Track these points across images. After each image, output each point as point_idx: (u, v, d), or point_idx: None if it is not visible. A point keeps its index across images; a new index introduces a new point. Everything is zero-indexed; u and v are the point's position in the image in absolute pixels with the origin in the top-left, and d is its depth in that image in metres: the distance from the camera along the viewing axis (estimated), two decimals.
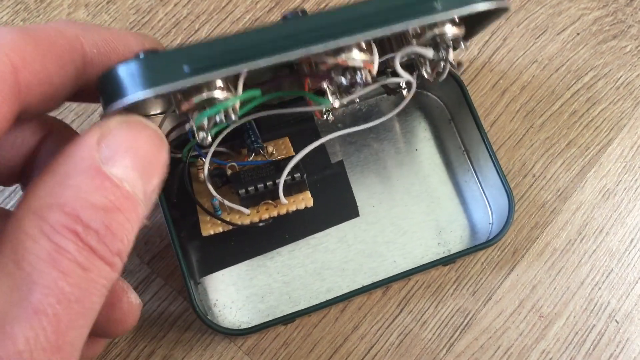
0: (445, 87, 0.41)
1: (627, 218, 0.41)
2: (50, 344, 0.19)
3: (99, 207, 0.20)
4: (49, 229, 0.19)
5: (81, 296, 0.20)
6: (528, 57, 0.44)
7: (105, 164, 0.21)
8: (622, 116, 0.43)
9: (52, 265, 0.19)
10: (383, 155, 0.41)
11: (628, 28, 0.45)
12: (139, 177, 0.22)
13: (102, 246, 0.20)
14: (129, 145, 0.22)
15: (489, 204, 0.40)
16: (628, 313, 0.40)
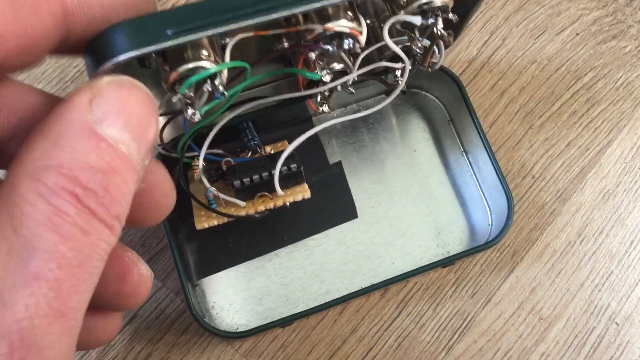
0: (444, 87, 0.40)
1: (627, 219, 0.41)
2: (52, 311, 0.18)
3: (96, 168, 0.20)
4: (47, 191, 0.19)
5: (82, 260, 0.19)
6: (527, 57, 0.43)
7: (98, 125, 0.20)
8: (621, 117, 0.43)
9: (51, 229, 0.18)
10: (381, 156, 0.41)
11: (628, 28, 0.45)
12: (132, 138, 0.21)
13: (101, 208, 0.20)
14: (121, 106, 0.21)
15: (488, 205, 0.40)
16: (628, 315, 0.39)
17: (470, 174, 0.41)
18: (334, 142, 0.41)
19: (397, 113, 0.42)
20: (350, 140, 0.41)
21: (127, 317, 0.37)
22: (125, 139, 0.21)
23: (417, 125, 0.42)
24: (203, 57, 0.26)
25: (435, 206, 0.40)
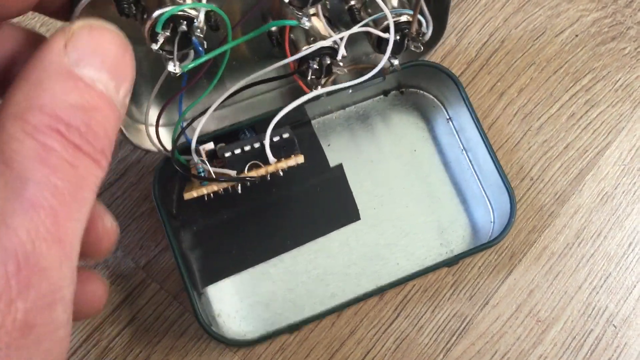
0: (442, 85, 0.40)
1: (626, 221, 0.41)
2: (50, 235, 0.19)
3: (76, 106, 0.21)
4: (32, 129, 0.20)
5: (73, 190, 0.20)
6: (526, 59, 0.43)
7: (75, 66, 0.21)
8: (620, 119, 0.43)
9: (41, 162, 0.19)
10: (382, 157, 0.41)
11: (627, 30, 0.45)
12: (109, 77, 0.22)
13: (85, 143, 0.21)
14: (95, 47, 0.22)
15: (490, 203, 0.40)
16: (626, 317, 0.39)
17: (471, 172, 0.41)
18: (334, 145, 0.41)
19: (396, 113, 0.42)
20: (350, 142, 0.41)
21: (125, 319, 0.37)
22: (102, 78, 0.22)
23: (416, 125, 0.42)
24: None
25: (437, 205, 0.40)
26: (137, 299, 0.38)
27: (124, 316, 0.37)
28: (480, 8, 0.44)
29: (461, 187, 0.41)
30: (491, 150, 0.38)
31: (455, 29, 0.43)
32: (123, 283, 0.38)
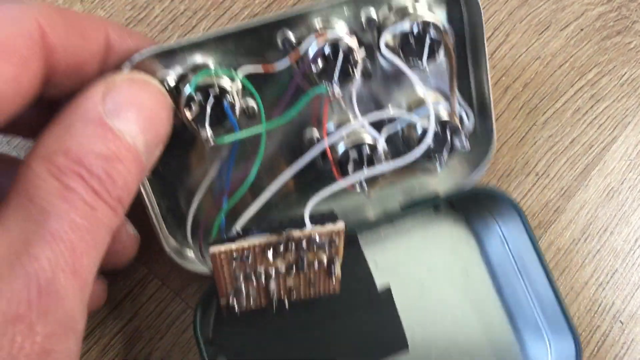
0: (499, 206, 0.37)
1: (632, 217, 0.41)
2: (68, 267, 0.20)
3: (100, 155, 0.22)
4: (57, 170, 0.21)
5: (91, 229, 0.21)
6: (531, 53, 0.43)
7: (108, 116, 0.23)
8: (626, 113, 0.43)
9: (62, 199, 0.21)
10: (432, 279, 0.37)
11: (632, 24, 0.44)
12: (140, 131, 0.23)
13: (104, 190, 0.22)
14: (133, 101, 0.24)
15: (549, 340, 0.37)
16: (633, 314, 0.39)
17: (528, 302, 0.37)
18: (382, 264, 0.37)
19: (446, 230, 0.38)
20: (398, 261, 0.37)
21: (127, 316, 0.37)
22: (132, 131, 0.23)
23: (469, 244, 0.39)
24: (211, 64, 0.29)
25: (489, 337, 0.37)
26: (138, 296, 0.37)
27: (125, 313, 0.37)
28: (485, 2, 0.43)
29: (516, 317, 0.38)
30: (552, 281, 0.34)
31: None
32: (124, 279, 0.37)
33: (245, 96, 0.31)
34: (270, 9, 0.41)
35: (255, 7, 0.41)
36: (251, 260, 0.29)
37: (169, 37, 0.40)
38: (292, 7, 0.40)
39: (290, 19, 0.30)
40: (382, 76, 0.33)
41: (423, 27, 0.30)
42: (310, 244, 0.28)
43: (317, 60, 0.29)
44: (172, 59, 0.29)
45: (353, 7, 0.31)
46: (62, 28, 0.24)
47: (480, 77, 0.34)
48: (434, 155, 0.34)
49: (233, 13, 0.41)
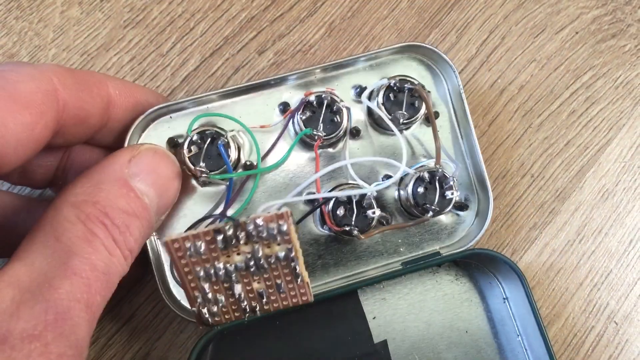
0: (501, 267, 0.37)
1: (626, 218, 0.41)
2: (84, 300, 0.23)
3: (123, 210, 0.26)
4: (85, 217, 0.24)
5: (106, 272, 0.24)
6: (526, 56, 0.43)
7: (132, 178, 0.27)
8: (621, 116, 0.43)
9: (87, 242, 0.24)
10: (431, 335, 0.37)
11: (627, 27, 0.45)
12: (156, 195, 0.27)
13: (122, 240, 0.25)
14: (153, 168, 0.28)
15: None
16: (627, 314, 0.39)
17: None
18: (380, 318, 0.37)
19: (448, 286, 0.38)
20: (396, 315, 0.38)
21: (125, 316, 0.37)
22: (150, 194, 0.27)
23: (470, 301, 0.38)
24: None
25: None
26: (136, 296, 0.37)
27: (123, 313, 0.37)
28: (481, 5, 0.44)
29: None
30: (549, 346, 0.34)
31: (456, 26, 0.43)
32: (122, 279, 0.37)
33: (244, 151, 0.35)
34: (268, 11, 0.42)
35: (253, 10, 0.42)
36: (204, 251, 0.29)
37: (167, 39, 0.40)
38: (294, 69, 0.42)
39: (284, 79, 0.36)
40: (373, 137, 0.37)
41: (400, 82, 0.35)
42: (259, 231, 0.29)
43: (305, 110, 0.34)
44: (181, 118, 0.35)
45: (344, 79, 0.36)
46: (73, 85, 0.27)
47: (471, 143, 0.37)
48: (425, 205, 0.35)
49: (231, 15, 0.42)
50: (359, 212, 0.34)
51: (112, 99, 0.30)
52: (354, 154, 0.36)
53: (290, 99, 0.36)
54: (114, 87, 0.31)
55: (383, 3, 0.43)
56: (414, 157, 0.37)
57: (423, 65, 0.37)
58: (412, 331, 0.37)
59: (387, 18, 0.43)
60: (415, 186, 0.35)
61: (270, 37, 0.41)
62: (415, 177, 0.35)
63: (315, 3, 0.42)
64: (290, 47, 0.41)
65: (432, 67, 0.37)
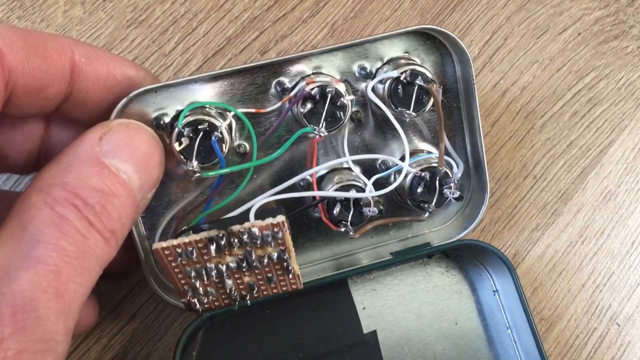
0: (491, 259, 0.37)
1: (629, 220, 0.41)
2: (51, 290, 0.21)
3: (97, 189, 0.23)
4: (52, 200, 0.22)
5: (80, 256, 0.22)
6: (529, 57, 0.43)
7: (105, 156, 0.24)
8: (623, 117, 0.43)
9: (54, 227, 0.22)
10: (420, 326, 0.37)
11: (629, 28, 0.45)
12: (134, 171, 0.25)
13: (98, 221, 0.23)
14: (127, 143, 0.25)
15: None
16: (630, 316, 0.39)
17: (515, 354, 0.37)
18: (370, 309, 0.37)
19: (439, 278, 0.38)
20: (386, 306, 0.37)
21: (126, 316, 0.37)
22: (128, 170, 0.25)
23: (460, 294, 0.38)
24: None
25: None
26: (137, 296, 0.37)
27: (124, 313, 0.37)
28: (483, 6, 0.44)
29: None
30: (538, 338, 0.35)
31: (458, 27, 0.43)
32: (124, 280, 0.37)
33: (236, 135, 0.32)
34: (270, 12, 0.42)
35: (256, 10, 0.42)
36: (196, 256, 0.29)
37: (169, 39, 0.40)
38: (288, 54, 0.41)
39: (283, 63, 0.32)
40: (376, 126, 0.35)
41: (411, 76, 0.32)
42: (253, 238, 0.29)
43: (305, 102, 0.31)
44: (169, 95, 0.31)
45: (347, 57, 0.33)
46: (22, 50, 0.24)
47: (474, 131, 0.35)
48: (422, 202, 0.34)
49: (233, 15, 0.41)
50: (355, 209, 0.33)
51: (77, 67, 0.27)
52: (353, 141, 0.34)
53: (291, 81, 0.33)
54: (81, 54, 0.27)
55: (386, 4, 0.43)
56: (417, 147, 0.35)
57: (434, 50, 0.34)
58: (401, 322, 0.37)
59: (390, 19, 0.43)
60: (415, 183, 0.34)
61: (272, 37, 0.41)
62: (417, 175, 0.33)
63: (318, 3, 0.42)
64: (292, 47, 0.41)
65: (444, 53, 0.34)
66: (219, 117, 0.31)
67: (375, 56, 0.33)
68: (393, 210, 0.36)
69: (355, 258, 0.36)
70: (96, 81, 0.28)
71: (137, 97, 0.30)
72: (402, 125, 0.33)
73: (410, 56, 0.33)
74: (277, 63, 0.32)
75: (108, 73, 0.28)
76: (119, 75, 0.28)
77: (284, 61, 0.32)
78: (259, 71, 0.32)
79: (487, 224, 0.40)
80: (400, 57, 0.33)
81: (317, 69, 0.32)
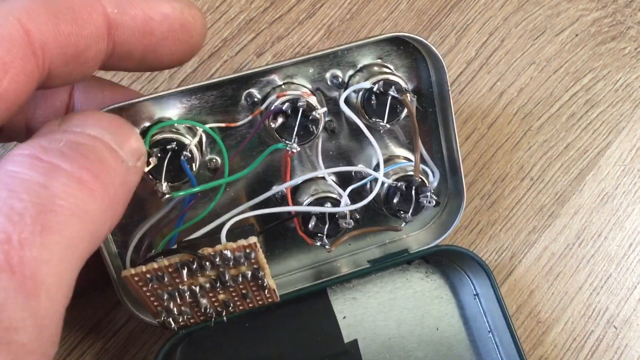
0: (470, 264, 0.37)
1: (626, 222, 0.41)
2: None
3: (63, 140, 0.21)
4: (5, 161, 0.20)
5: (41, 213, 0.19)
6: (526, 58, 0.43)
7: (66, 128, 0.22)
8: (620, 119, 0.43)
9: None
10: (401, 334, 0.37)
11: (627, 29, 0.44)
12: (104, 132, 0.23)
13: (66, 162, 0.21)
14: (88, 118, 0.23)
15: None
16: (627, 318, 0.39)
17: (498, 358, 0.37)
18: (350, 318, 0.37)
19: (419, 284, 0.38)
20: (367, 315, 0.37)
21: (122, 319, 0.37)
22: (95, 130, 0.23)
23: (441, 299, 0.38)
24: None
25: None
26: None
27: (120, 317, 0.37)
28: (480, 7, 0.44)
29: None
30: (518, 342, 0.34)
31: (455, 28, 0.43)
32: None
33: (207, 149, 0.32)
34: (266, 13, 0.42)
35: (252, 12, 0.42)
36: (168, 280, 0.28)
37: None
38: (258, 65, 0.41)
39: (254, 76, 0.31)
40: (350, 134, 0.34)
41: (384, 86, 0.31)
42: (225, 260, 0.28)
43: (276, 117, 0.30)
44: (135, 112, 0.30)
45: (319, 66, 0.32)
46: (50, 19, 0.23)
47: (450, 136, 0.34)
48: (398, 212, 0.33)
49: (229, 17, 0.41)
50: (331, 221, 0.32)
51: (112, 20, 0.25)
52: (328, 149, 0.34)
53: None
54: (112, 6, 0.25)
55: (382, 5, 0.43)
56: (393, 153, 0.35)
57: (408, 55, 0.33)
58: (382, 330, 0.37)
59: (386, 20, 0.42)
60: (391, 193, 0.33)
61: (269, 39, 0.41)
62: (392, 185, 0.33)
63: (314, 5, 0.42)
64: (289, 49, 0.41)
65: (418, 58, 0.33)
66: (189, 133, 0.30)
67: (348, 64, 0.32)
68: (370, 218, 0.36)
69: (333, 266, 0.36)
70: (135, 29, 0.26)
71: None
72: (377, 133, 0.32)
73: (384, 62, 0.32)
74: (247, 76, 0.31)
75: (145, 17, 0.26)
76: (156, 16, 0.26)
77: (253, 74, 0.31)
78: (228, 83, 0.31)
79: (484, 226, 0.40)
80: (373, 64, 0.32)
81: (289, 78, 0.31)
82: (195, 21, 0.27)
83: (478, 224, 0.40)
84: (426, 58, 0.33)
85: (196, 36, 0.27)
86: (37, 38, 0.22)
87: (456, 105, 0.42)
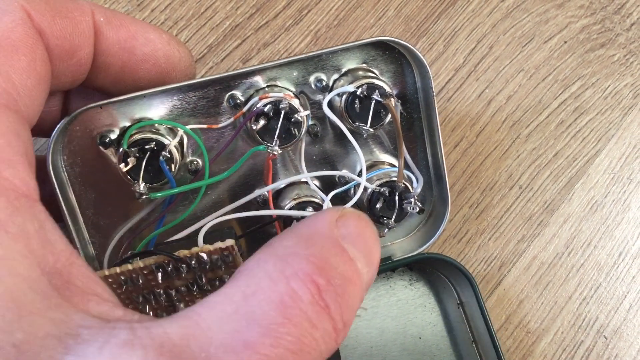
0: (455, 273, 0.36)
1: (616, 231, 0.40)
2: None
3: (338, 270, 0.21)
4: (291, 273, 0.19)
5: (299, 350, 0.19)
6: (514, 65, 0.43)
7: (342, 239, 0.22)
8: (610, 126, 0.42)
9: (279, 310, 0.19)
10: (383, 342, 0.37)
11: (616, 36, 0.44)
12: (365, 262, 0.22)
13: (336, 307, 0.20)
14: (360, 232, 0.23)
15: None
16: (617, 328, 0.39)
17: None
18: None
19: (402, 292, 0.38)
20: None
21: None
22: (360, 259, 0.22)
23: (424, 307, 0.38)
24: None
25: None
26: None
27: None
28: (468, 14, 0.43)
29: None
30: (500, 353, 0.34)
31: (443, 35, 0.43)
32: None
33: (189, 151, 0.31)
34: (252, 19, 0.41)
35: (237, 18, 0.41)
36: (143, 282, 0.28)
37: None
38: (242, 66, 0.40)
39: (237, 77, 0.31)
40: (334, 139, 0.33)
41: (368, 90, 0.30)
42: (202, 263, 0.27)
43: (258, 119, 0.29)
44: (115, 111, 0.29)
45: (303, 69, 0.31)
46: (47, 12, 0.24)
47: (435, 143, 0.34)
48: (382, 217, 0.33)
49: (214, 23, 0.41)
50: None
51: (98, 27, 0.26)
52: (311, 153, 0.33)
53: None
54: (100, 14, 0.26)
55: (370, 11, 0.42)
56: (377, 158, 0.35)
57: (394, 60, 0.33)
58: (364, 338, 0.36)
59: (374, 27, 0.42)
60: (374, 198, 0.33)
61: (255, 45, 0.41)
62: (375, 191, 0.32)
63: (301, 11, 0.42)
64: (275, 55, 0.41)
65: (404, 63, 0.33)
66: (169, 134, 0.29)
67: (332, 67, 0.32)
68: None
69: None
70: (117, 42, 0.27)
71: (81, 113, 0.28)
72: (361, 138, 0.32)
73: (369, 67, 0.32)
74: (230, 77, 0.30)
75: (128, 34, 0.27)
76: (139, 37, 0.27)
77: (236, 75, 0.30)
78: (211, 85, 0.30)
79: (473, 235, 0.40)
80: (358, 69, 0.32)
81: (273, 81, 0.31)
82: (180, 55, 0.29)
83: (467, 233, 0.40)
84: (411, 63, 0.32)
85: (180, 72, 0.29)
86: (37, 23, 0.23)
87: (444, 112, 0.41)
